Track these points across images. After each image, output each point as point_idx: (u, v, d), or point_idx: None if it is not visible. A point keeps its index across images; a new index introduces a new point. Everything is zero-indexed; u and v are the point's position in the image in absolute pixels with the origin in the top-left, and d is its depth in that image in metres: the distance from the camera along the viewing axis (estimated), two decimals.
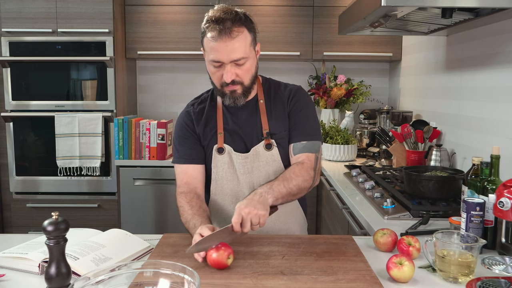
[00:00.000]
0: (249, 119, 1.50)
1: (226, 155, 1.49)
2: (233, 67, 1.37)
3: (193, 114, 1.54)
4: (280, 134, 1.49)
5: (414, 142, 2.47)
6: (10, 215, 3.17)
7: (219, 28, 1.32)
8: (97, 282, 0.82)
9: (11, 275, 1.15)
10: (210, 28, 1.34)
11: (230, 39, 1.32)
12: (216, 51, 1.34)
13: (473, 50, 2.13)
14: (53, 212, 1.01)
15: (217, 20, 1.33)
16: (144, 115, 3.62)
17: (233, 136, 1.50)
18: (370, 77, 3.58)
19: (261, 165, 1.48)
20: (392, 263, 1.11)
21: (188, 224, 1.37)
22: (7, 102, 3.06)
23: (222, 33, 1.31)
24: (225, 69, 1.37)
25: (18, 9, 3.00)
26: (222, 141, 1.49)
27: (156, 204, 3.04)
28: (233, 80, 1.38)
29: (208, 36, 1.35)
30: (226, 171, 1.50)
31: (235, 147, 1.49)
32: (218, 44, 1.33)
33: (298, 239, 1.38)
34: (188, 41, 3.22)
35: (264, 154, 1.48)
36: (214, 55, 1.35)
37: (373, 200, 1.88)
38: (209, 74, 1.45)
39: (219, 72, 1.39)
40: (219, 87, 1.44)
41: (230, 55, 1.34)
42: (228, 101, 1.45)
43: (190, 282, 0.81)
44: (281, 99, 1.51)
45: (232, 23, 1.33)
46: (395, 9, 1.72)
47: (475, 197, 1.33)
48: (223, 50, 1.33)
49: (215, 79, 1.43)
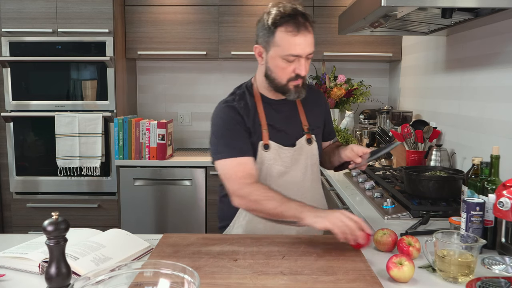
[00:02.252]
0: (290, 115, 1.55)
1: (272, 151, 1.49)
2: (305, 61, 1.41)
3: (240, 109, 1.48)
4: (317, 130, 1.60)
5: (414, 142, 2.47)
6: (10, 215, 3.17)
7: (296, 22, 1.35)
8: (97, 282, 0.82)
9: (11, 275, 1.15)
10: (286, 23, 1.36)
11: (308, 33, 1.37)
12: (296, 45, 1.37)
13: (473, 50, 2.13)
14: (53, 212, 1.01)
15: (291, 15, 1.36)
16: (144, 115, 3.62)
17: (278, 131, 1.51)
18: (370, 77, 3.58)
19: (303, 158, 1.53)
20: (392, 263, 1.11)
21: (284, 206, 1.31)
22: (7, 102, 3.06)
23: (301, 27, 1.36)
24: (300, 63, 1.40)
25: (18, 9, 3.00)
26: (267, 137, 1.49)
27: (156, 204, 3.05)
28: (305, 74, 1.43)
29: (285, 30, 1.36)
30: (271, 167, 1.50)
31: (281, 142, 1.51)
32: (298, 38, 1.36)
33: (298, 239, 1.38)
34: (188, 41, 3.22)
35: (306, 148, 1.54)
36: (293, 49, 1.37)
37: (373, 200, 1.88)
38: (275, 70, 1.43)
39: (290, 67, 1.41)
40: (285, 82, 1.44)
41: (307, 48, 1.39)
42: (292, 96, 1.47)
43: (190, 282, 0.81)
44: (314, 98, 1.61)
45: (305, 19, 1.38)
46: (395, 9, 1.72)
47: (475, 197, 1.33)
48: (303, 43, 1.37)
49: (284, 74, 1.43)
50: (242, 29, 3.21)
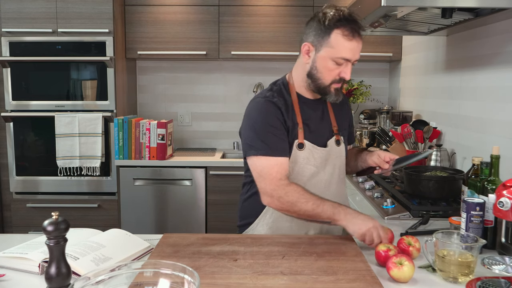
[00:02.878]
0: (322, 115, 1.56)
1: (306, 150, 1.49)
2: (351, 66, 1.44)
3: (280, 105, 1.46)
4: (344, 132, 1.61)
5: (414, 142, 2.47)
6: (10, 215, 3.17)
7: (353, 27, 1.38)
8: (97, 282, 0.82)
9: (11, 275, 1.15)
10: (344, 26, 1.38)
11: (360, 40, 1.41)
12: (349, 49, 1.40)
13: (473, 50, 2.13)
14: (53, 212, 1.01)
15: (349, 20, 1.39)
16: (144, 115, 3.62)
17: (312, 131, 1.52)
18: (370, 77, 3.58)
19: (332, 159, 1.54)
20: (392, 263, 1.11)
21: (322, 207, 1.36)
22: (7, 102, 3.06)
23: (356, 33, 1.39)
24: (347, 67, 1.43)
25: (18, 9, 3.00)
26: (302, 136, 1.49)
27: (156, 204, 3.05)
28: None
29: (342, 33, 1.38)
30: (303, 166, 1.49)
31: (315, 141, 1.51)
32: (352, 43, 1.39)
33: (298, 239, 1.38)
34: (188, 41, 3.22)
35: (335, 149, 1.55)
36: (345, 53, 1.40)
37: (373, 200, 1.88)
38: (322, 70, 1.44)
39: (337, 70, 1.43)
40: (328, 84, 1.46)
41: (356, 54, 1.42)
42: (332, 98, 1.49)
43: (190, 282, 0.81)
44: (342, 101, 1.60)
45: (359, 27, 1.41)
46: (395, 9, 1.72)
47: (475, 197, 1.33)
48: (355, 49, 1.41)
49: (329, 75, 1.44)
50: (242, 29, 3.21)
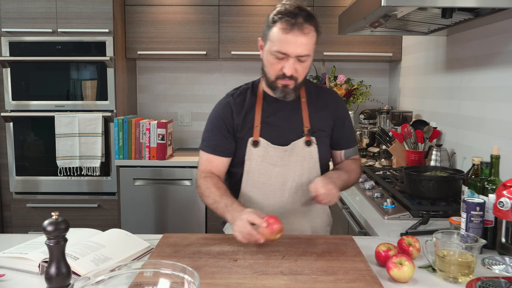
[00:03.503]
0: (290, 115, 1.54)
1: (261, 148, 1.50)
2: (295, 62, 1.40)
3: (233, 105, 1.54)
4: (320, 133, 1.55)
5: (414, 142, 2.47)
6: (10, 215, 3.17)
7: (293, 21, 1.35)
8: (97, 282, 0.82)
9: (11, 275, 1.15)
10: (282, 19, 1.37)
11: (301, 34, 1.36)
12: (285, 43, 1.37)
13: (473, 50, 2.13)
14: (53, 212, 1.01)
15: (291, 13, 1.36)
16: (144, 115, 3.62)
17: (272, 129, 1.52)
18: (370, 77, 3.58)
19: (298, 160, 1.52)
20: (392, 263, 1.11)
21: (217, 204, 1.41)
22: (7, 102, 3.06)
23: (295, 26, 1.35)
24: (288, 62, 1.39)
25: (18, 9, 3.00)
26: (258, 134, 1.51)
27: (156, 204, 3.04)
28: (291, 75, 1.41)
29: (279, 26, 1.37)
30: (260, 164, 1.51)
31: (272, 140, 1.51)
32: (289, 36, 1.36)
33: (298, 239, 1.38)
34: (188, 41, 3.22)
35: (303, 149, 1.52)
36: (281, 47, 1.37)
37: (373, 200, 1.88)
38: (266, 64, 1.45)
39: (279, 64, 1.41)
40: (273, 79, 1.45)
41: (297, 49, 1.37)
42: (278, 94, 1.47)
43: (190, 282, 0.81)
44: (326, 102, 1.58)
45: (304, 20, 1.36)
46: (395, 9, 1.72)
47: (475, 197, 1.33)
48: (293, 43, 1.36)
49: (272, 70, 1.44)
50: (242, 29, 3.21)
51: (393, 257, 1.12)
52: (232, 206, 1.36)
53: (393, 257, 1.13)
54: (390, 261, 1.12)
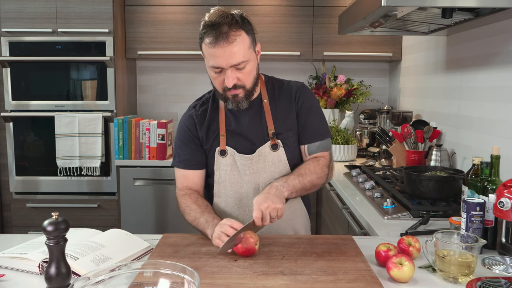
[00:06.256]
0: (253, 120, 1.48)
1: (228, 157, 1.47)
2: (234, 72, 1.35)
3: (196, 117, 1.51)
4: (286, 134, 1.48)
5: (414, 142, 2.47)
6: (10, 215, 3.17)
7: (216, 33, 1.29)
8: (97, 282, 0.82)
9: (11, 275, 1.15)
10: (207, 34, 1.32)
11: (227, 44, 1.30)
12: (215, 57, 1.32)
13: (473, 50, 2.13)
14: (53, 212, 1.01)
15: (213, 25, 1.30)
16: (144, 115, 3.62)
17: (237, 137, 1.48)
18: (370, 77, 3.58)
19: (266, 166, 1.47)
20: (392, 263, 1.11)
21: (197, 221, 1.38)
22: (7, 102, 3.06)
23: (219, 38, 1.29)
24: (226, 74, 1.35)
25: (18, 9, 3.00)
26: (224, 143, 1.47)
27: (156, 204, 3.04)
28: (234, 84, 1.36)
29: (206, 42, 1.33)
30: (229, 173, 1.48)
31: (239, 148, 1.47)
32: (216, 50, 1.31)
33: (298, 239, 1.38)
34: (188, 41, 3.22)
35: (270, 154, 1.46)
36: (213, 61, 1.34)
37: (373, 200, 1.88)
38: (211, 79, 1.43)
39: (220, 77, 1.38)
40: (221, 92, 1.42)
41: (229, 60, 1.32)
42: (231, 105, 1.43)
43: (190, 282, 0.81)
44: (286, 97, 1.50)
45: (229, 27, 1.30)
46: (395, 9, 1.72)
47: (475, 197, 1.33)
48: (222, 55, 1.31)
49: (216, 84, 1.41)
50: None
51: (393, 257, 1.12)
52: (213, 221, 1.33)
53: (393, 257, 1.13)
54: (390, 261, 1.12)
